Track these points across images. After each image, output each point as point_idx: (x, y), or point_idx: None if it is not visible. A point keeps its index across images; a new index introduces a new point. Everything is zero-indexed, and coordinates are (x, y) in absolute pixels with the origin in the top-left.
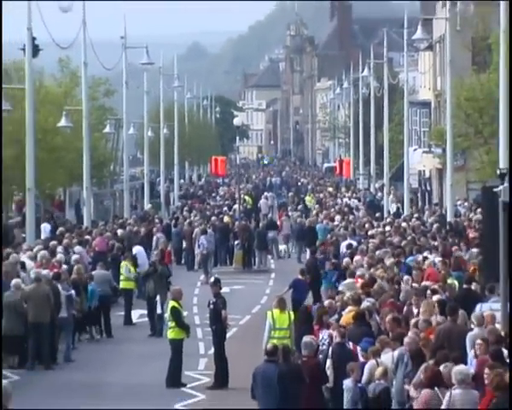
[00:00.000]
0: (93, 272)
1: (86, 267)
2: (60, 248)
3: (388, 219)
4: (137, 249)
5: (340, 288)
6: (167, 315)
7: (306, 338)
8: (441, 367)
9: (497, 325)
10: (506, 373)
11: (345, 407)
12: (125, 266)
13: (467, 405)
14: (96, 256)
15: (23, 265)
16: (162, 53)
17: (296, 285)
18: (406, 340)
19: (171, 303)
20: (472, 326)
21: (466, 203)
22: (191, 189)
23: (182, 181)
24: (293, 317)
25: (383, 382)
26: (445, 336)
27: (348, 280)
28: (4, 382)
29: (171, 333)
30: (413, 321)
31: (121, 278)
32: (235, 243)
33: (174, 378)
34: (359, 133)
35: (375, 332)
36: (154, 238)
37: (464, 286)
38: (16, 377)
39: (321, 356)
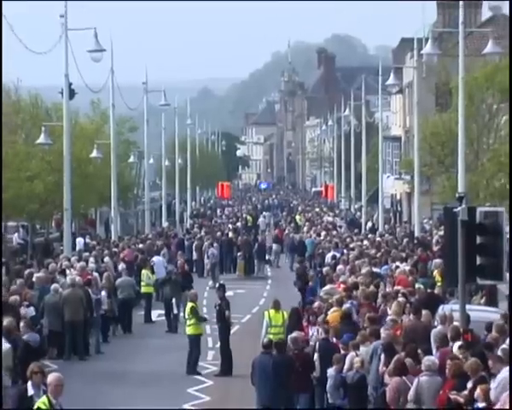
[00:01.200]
0: (118, 279)
1: (113, 275)
2: (91, 259)
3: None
4: (156, 259)
5: (321, 293)
6: (187, 314)
7: (293, 334)
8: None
9: (456, 323)
10: (463, 364)
11: (328, 392)
12: (145, 273)
13: (432, 389)
14: (127, 265)
15: (62, 272)
16: (177, 96)
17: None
18: (382, 335)
19: (190, 304)
20: (436, 324)
21: (430, 221)
22: (201, 209)
23: (193, 203)
24: (286, 316)
25: (361, 370)
26: (412, 332)
27: (327, 286)
28: (57, 373)
29: (190, 329)
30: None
31: (142, 284)
32: (238, 254)
33: (193, 368)
34: (341, 163)
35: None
36: (154, 259)
37: (429, 290)
38: (55, 366)
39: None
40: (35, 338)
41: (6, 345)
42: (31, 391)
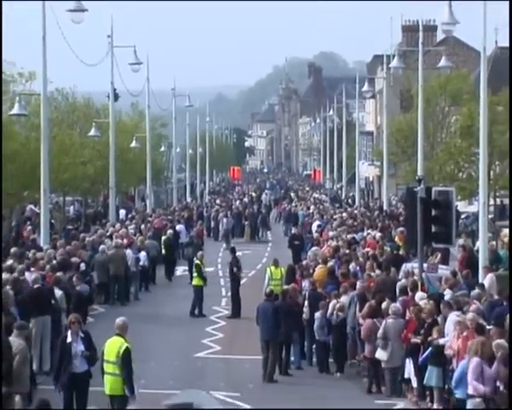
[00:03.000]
0: (146, 241)
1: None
2: (131, 226)
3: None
4: (180, 227)
5: (309, 253)
6: (193, 269)
7: (287, 286)
8: (383, 304)
9: (415, 277)
10: (423, 311)
11: (315, 331)
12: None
13: (397, 329)
14: (156, 231)
15: (109, 236)
16: (198, 99)
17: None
18: (357, 287)
19: (197, 261)
20: (400, 278)
21: (396, 198)
22: (217, 188)
23: (211, 182)
24: (283, 271)
25: (341, 314)
26: (382, 284)
27: (314, 248)
28: (122, 318)
29: (194, 281)
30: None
31: (194, 275)
32: (246, 223)
33: (195, 312)
34: (327, 152)
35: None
36: (177, 227)
37: (395, 252)
38: (102, 309)
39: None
40: (86, 288)
41: (58, 292)
42: (69, 339)
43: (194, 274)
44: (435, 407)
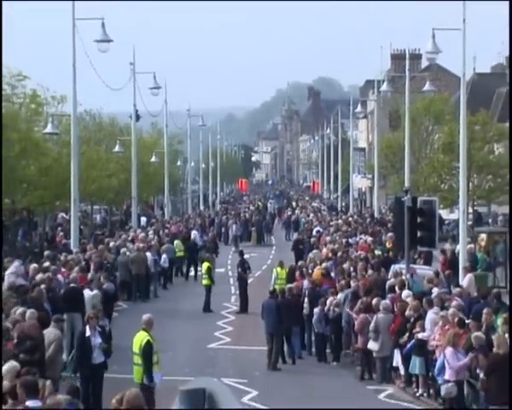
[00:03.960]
0: (164, 246)
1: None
2: (151, 231)
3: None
4: (194, 233)
5: (309, 255)
6: (204, 270)
7: (291, 285)
8: (374, 300)
9: (403, 277)
10: (408, 305)
11: (314, 324)
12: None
13: (386, 322)
14: (172, 236)
15: (131, 240)
16: (210, 119)
17: None
18: (352, 285)
19: (207, 264)
20: (389, 277)
21: (385, 207)
22: (227, 197)
23: (221, 193)
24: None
25: (337, 309)
26: (373, 283)
27: (313, 251)
28: (148, 314)
29: (204, 281)
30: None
31: (204, 277)
32: (252, 229)
33: (207, 308)
34: (324, 166)
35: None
36: (192, 234)
37: (385, 254)
38: (125, 305)
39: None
40: (111, 287)
41: (95, 291)
42: (88, 333)
43: (204, 275)
44: (420, 392)
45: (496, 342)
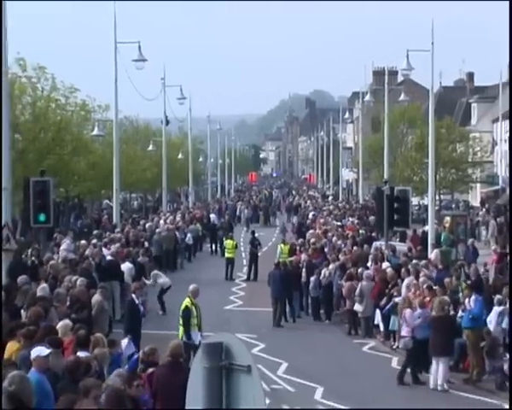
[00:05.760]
0: (190, 226)
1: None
2: (178, 215)
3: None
4: (213, 216)
5: (307, 235)
6: (229, 246)
7: (291, 258)
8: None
9: (385, 251)
10: (387, 274)
11: (310, 290)
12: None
13: (369, 289)
14: (195, 219)
15: (164, 221)
16: (227, 124)
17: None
18: (341, 259)
19: (232, 242)
20: (372, 252)
21: (368, 195)
22: (240, 187)
23: (235, 183)
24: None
25: (329, 278)
26: (359, 257)
27: (310, 231)
28: (194, 284)
29: (227, 254)
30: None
31: (228, 250)
32: (261, 213)
33: (230, 276)
34: (319, 162)
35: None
36: (211, 216)
37: (367, 234)
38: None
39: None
40: (146, 260)
41: (129, 265)
42: (136, 301)
43: (231, 250)
44: (396, 344)
45: (434, 305)
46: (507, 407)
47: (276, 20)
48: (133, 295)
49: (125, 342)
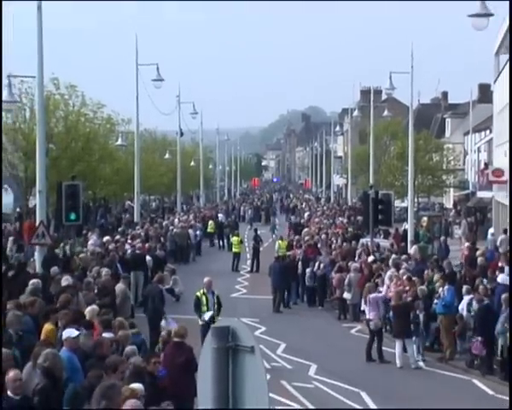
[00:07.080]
0: (199, 224)
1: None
2: (191, 214)
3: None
4: (221, 215)
5: (303, 233)
6: (235, 242)
7: (289, 253)
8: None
9: (368, 247)
10: (372, 266)
11: (306, 280)
12: (236, 239)
13: (356, 280)
14: (206, 218)
15: (178, 220)
16: (233, 136)
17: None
18: (333, 253)
19: (238, 238)
20: (359, 247)
21: (356, 198)
22: (244, 191)
23: (240, 187)
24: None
25: (323, 270)
26: (347, 252)
27: (306, 229)
28: (208, 277)
29: (234, 249)
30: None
31: (235, 243)
32: (262, 213)
33: (236, 268)
34: (313, 169)
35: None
36: (219, 216)
37: (355, 232)
38: (172, 267)
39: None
40: (162, 253)
41: (148, 258)
42: (162, 289)
43: (237, 245)
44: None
45: (392, 295)
46: (491, 392)
47: (276, 45)
48: (159, 285)
49: (163, 323)
